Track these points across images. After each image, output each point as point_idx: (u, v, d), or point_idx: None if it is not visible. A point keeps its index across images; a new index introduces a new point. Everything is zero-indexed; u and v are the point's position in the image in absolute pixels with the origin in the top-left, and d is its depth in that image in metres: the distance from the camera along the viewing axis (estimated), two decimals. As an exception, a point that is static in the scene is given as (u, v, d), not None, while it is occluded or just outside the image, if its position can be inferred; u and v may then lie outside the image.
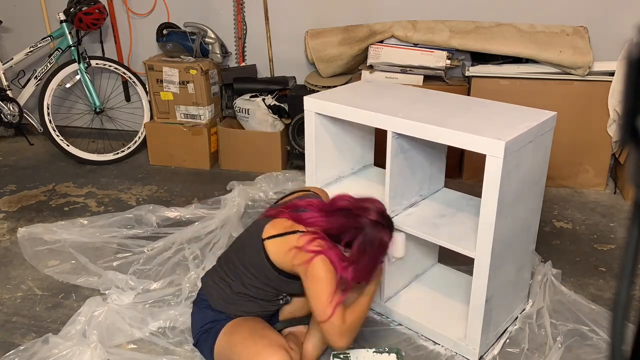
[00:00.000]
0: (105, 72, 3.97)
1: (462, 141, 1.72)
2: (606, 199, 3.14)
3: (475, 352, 1.92)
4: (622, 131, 0.46)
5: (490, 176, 1.67)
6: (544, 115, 1.88)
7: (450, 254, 2.00)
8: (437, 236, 1.93)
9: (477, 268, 1.80)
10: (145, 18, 3.90)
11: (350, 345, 1.68)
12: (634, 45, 0.44)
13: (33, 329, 2.11)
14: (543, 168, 1.96)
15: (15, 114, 3.69)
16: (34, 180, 3.49)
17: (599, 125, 3.09)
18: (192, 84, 3.53)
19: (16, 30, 4.10)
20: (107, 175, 3.56)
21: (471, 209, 2.09)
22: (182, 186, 3.38)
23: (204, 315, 1.83)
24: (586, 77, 3.03)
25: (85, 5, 3.49)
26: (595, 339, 2.02)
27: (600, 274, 2.43)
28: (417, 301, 2.19)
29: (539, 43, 3.05)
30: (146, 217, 2.86)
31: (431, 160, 2.16)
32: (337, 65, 3.45)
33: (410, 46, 3.28)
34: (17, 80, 3.79)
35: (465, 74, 3.24)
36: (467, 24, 3.23)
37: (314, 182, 2.25)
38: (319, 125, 2.15)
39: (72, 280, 2.40)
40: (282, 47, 3.75)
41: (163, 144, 3.67)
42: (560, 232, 2.79)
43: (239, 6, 3.72)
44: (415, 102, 2.07)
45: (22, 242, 2.68)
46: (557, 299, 2.21)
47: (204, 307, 1.84)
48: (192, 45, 3.59)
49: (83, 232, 2.74)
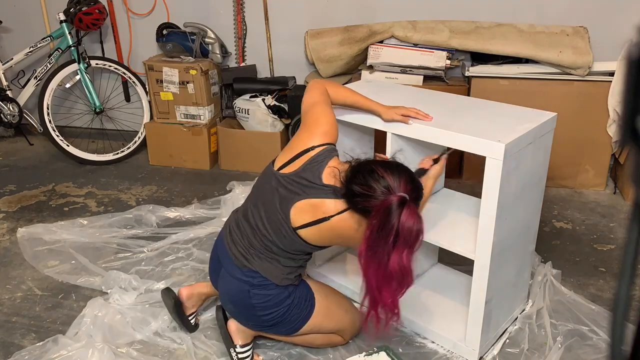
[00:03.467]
0: (105, 72, 3.97)
1: (462, 143, 1.72)
2: (606, 199, 3.14)
3: (475, 352, 1.92)
4: (622, 131, 0.46)
5: (490, 178, 1.67)
6: (544, 116, 1.88)
7: (450, 254, 2.00)
8: (437, 237, 1.93)
9: (477, 269, 1.80)
10: (145, 18, 3.90)
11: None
12: (634, 45, 0.44)
13: (33, 329, 2.11)
14: (543, 169, 1.96)
15: (15, 114, 3.69)
16: (34, 180, 3.48)
17: (599, 125, 3.09)
18: (192, 84, 3.53)
19: (16, 30, 4.10)
20: (107, 175, 3.56)
21: (471, 210, 2.09)
22: (182, 186, 3.38)
23: (275, 296, 1.74)
24: (586, 77, 3.03)
25: (85, 6, 3.49)
26: (595, 339, 2.02)
27: (600, 274, 2.43)
28: (417, 301, 2.18)
29: (539, 43, 3.05)
30: (146, 217, 2.86)
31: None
32: (337, 66, 3.45)
33: (410, 46, 3.28)
34: (17, 81, 3.79)
35: (465, 74, 3.24)
36: (467, 24, 3.23)
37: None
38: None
39: (72, 281, 2.40)
40: (282, 47, 3.75)
41: (163, 144, 3.67)
42: (560, 232, 2.79)
43: (239, 6, 3.72)
44: (415, 102, 2.07)
45: (21, 242, 2.68)
46: (557, 299, 2.21)
47: (268, 288, 1.74)
48: (192, 46, 3.59)
49: (83, 232, 2.74)
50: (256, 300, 1.74)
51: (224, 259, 1.81)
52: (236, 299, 1.79)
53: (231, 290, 1.80)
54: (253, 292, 1.74)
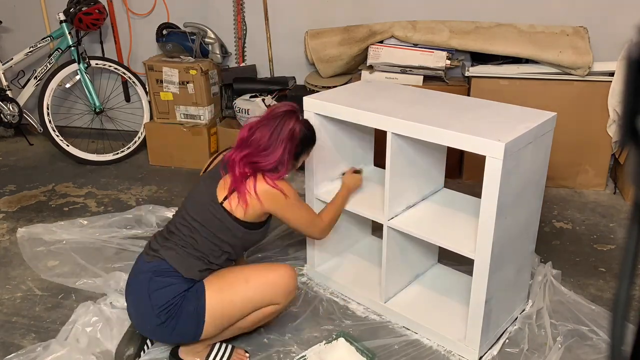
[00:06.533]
0: (105, 72, 3.97)
1: (462, 142, 1.72)
2: (606, 199, 3.14)
3: (475, 352, 1.92)
4: (622, 131, 0.46)
5: (490, 177, 1.67)
6: (543, 115, 1.88)
7: (450, 254, 2.00)
8: (437, 237, 1.93)
9: (477, 269, 1.80)
10: (145, 18, 3.90)
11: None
12: (634, 45, 0.44)
13: (32, 330, 2.11)
14: (543, 169, 1.96)
15: (15, 114, 3.69)
16: (34, 180, 3.48)
17: (599, 125, 3.09)
18: (192, 84, 3.53)
19: (16, 30, 4.10)
20: (106, 175, 3.56)
21: (471, 210, 2.09)
22: (182, 186, 3.38)
23: (172, 288, 1.71)
24: (586, 77, 3.03)
25: (85, 6, 3.49)
26: (595, 339, 2.02)
27: (600, 274, 2.43)
28: (417, 301, 2.19)
29: (539, 43, 3.05)
30: (146, 217, 2.86)
31: (431, 161, 2.16)
32: (337, 66, 3.45)
33: (410, 46, 3.28)
34: (17, 81, 3.79)
35: (465, 74, 3.24)
36: (467, 24, 3.23)
37: (313, 183, 2.25)
38: (318, 125, 2.14)
39: (71, 281, 2.39)
40: (282, 47, 3.75)
41: (163, 144, 3.67)
42: (560, 232, 2.79)
43: (239, 6, 3.72)
44: (415, 102, 2.07)
45: (21, 242, 2.68)
46: (557, 300, 2.21)
47: (169, 278, 1.72)
48: (192, 46, 3.59)
49: (83, 233, 2.74)
50: (152, 288, 1.71)
51: (137, 266, 1.82)
52: (135, 294, 1.77)
53: (134, 288, 1.79)
54: (153, 279, 1.72)
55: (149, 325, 1.76)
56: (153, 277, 1.73)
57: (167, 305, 1.70)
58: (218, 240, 1.79)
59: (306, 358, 1.88)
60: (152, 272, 1.74)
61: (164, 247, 1.78)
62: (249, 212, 1.79)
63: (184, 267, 1.74)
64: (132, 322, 1.88)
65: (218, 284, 1.78)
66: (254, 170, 1.79)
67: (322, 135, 2.18)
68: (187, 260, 1.76)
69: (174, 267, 1.73)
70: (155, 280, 1.73)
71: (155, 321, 1.72)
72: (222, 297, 1.76)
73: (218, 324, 1.77)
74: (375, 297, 2.19)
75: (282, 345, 1.99)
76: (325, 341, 1.92)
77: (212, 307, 1.74)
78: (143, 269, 1.78)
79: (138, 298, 1.76)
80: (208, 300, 1.74)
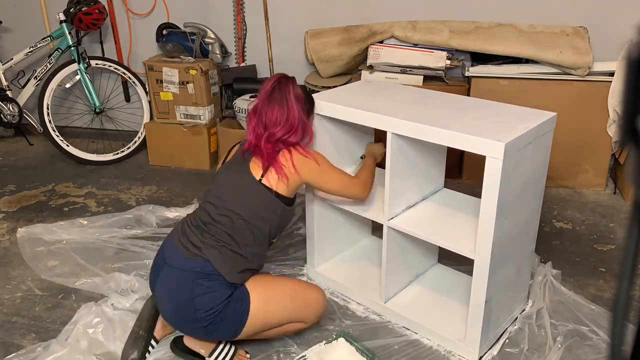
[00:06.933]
0: (105, 72, 3.97)
1: (462, 143, 1.72)
2: (606, 199, 3.14)
3: (475, 352, 1.92)
4: (622, 131, 0.46)
5: (490, 177, 1.67)
6: (543, 116, 1.88)
7: (450, 254, 2.00)
8: (437, 237, 1.93)
9: (477, 269, 1.80)
10: (145, 18, 3.90)
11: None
12: (634, 45, 0.44)
13: (33, 330, 2.11)
14: (543, 169, 1.96)
15: (15, 114, 3.69)
16: (34, 180, 3.48)
17: (599, 126, 3.09)
18: (192, 84, 3.53)
19: (16, 30, 4.10)
20: (106, 175, 3.56)
21: (471, 210, 2.09)
22: (182, 186, 3.38)
23: (217, 290, 1.72)
24: (586, 77, 3.03)
25: (85, 6, 3.49)
26: (595, 339, 2.02)
27: (600, 274, 2.43)
28: (417, 301, 2.19)
29: (539, 43, 3.05)
30: (146, 217, 2.86)
31: (431, 161, 2.16)
32: (337, 66, 3.45)
33: (410, 46, 3.28)
34: (17, 81, 3.79)
35: (465, 74, 3.24)
36: (467, 24, 3.23)
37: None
38: (318, 125, 2.14)
39: (71, 281, 2.39)
40: (282, 47, 3.75)
41: (163, 144, 3.67)
42: (560, 232, 2.79)
43: (239, 6, 3.72)
44: (415, 102, 2.07)
45: (21, 242, 2.68)
46: (557, 300, 2.21)
47: (214, 283, 1.72)
48: (192, 46, 3.59)
49: (83, 233, 2.74)
50: (197, 292, 1.70)
51: (171, 255, 1.78)
52: (175, 293, 1.73)
53: (172, 284, 1.75)
54: (196, 282, 1.71)
55: (186, 325, 1.78)
56: (197, 280, 1.71)
57: (211, 312, 1.71)
58: (259, 221, 1.80)
59: (306, 358, 1.88)
60: (195, 274, 1.72)
61: (206, 245, 1.75)
62: (291, 185, 1.84)
63: (226, 270, 1.73)
64: (165, 316, 1.83)
65: (265, 293, 1.81)
66: (283, 144, 1.85)
67: (322, 135, 2.18)
68: (229, 261, 1.75)
69: (219, 271, 1.72)
70: (199, 284, 1.71)
71: (197, 324, 1.74)
72: (267, 308, 1.81)
73: (252, 330, 1.81)
74: (375, 297, 2.19)
75: (282, 345, 1.99)
76: (325, 341, 1.93)
77: (255, 315, 1.78)
78: (183, 265, 1.74)
79: (178, 297, 1.73)
80: (253, 309, 1.77)
